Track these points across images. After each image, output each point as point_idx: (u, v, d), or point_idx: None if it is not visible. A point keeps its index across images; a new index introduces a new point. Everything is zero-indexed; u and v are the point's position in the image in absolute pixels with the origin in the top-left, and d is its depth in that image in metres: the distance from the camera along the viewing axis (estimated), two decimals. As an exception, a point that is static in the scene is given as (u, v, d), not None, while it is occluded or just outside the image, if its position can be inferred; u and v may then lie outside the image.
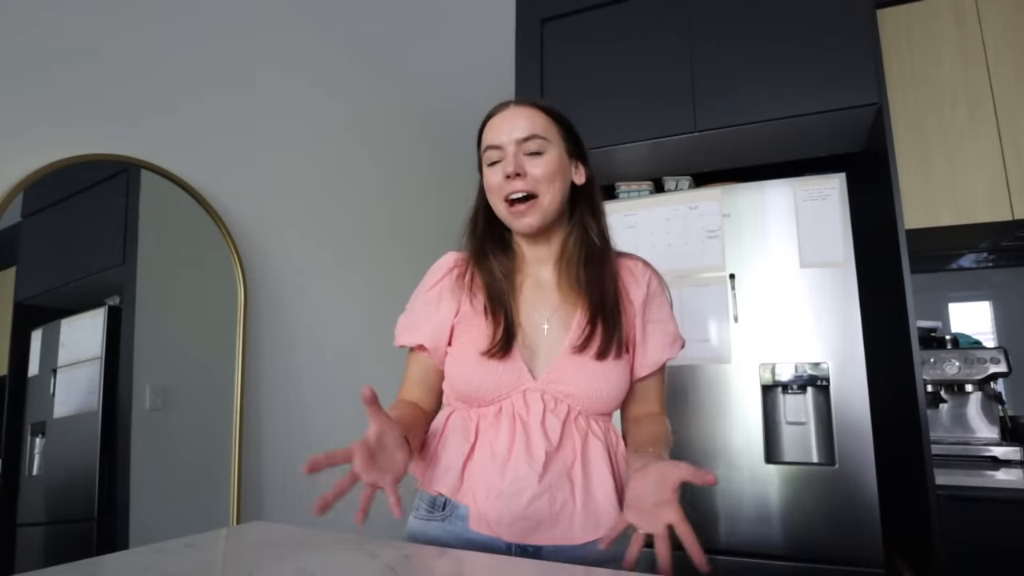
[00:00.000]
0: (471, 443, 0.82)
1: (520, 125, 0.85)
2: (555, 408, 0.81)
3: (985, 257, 1.91)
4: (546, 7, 1.80)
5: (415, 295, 0.94)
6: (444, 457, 0.84)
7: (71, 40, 1.47)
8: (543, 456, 0.78)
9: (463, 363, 0.84)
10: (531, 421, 0.80)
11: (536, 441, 0.79)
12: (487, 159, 0.87)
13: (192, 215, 1.71)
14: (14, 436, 1.33)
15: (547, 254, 0.90)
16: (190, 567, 0.68)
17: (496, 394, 0.82)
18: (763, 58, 1.53)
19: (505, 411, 0.81)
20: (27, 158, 1.36)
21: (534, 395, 0.81)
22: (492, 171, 0.86)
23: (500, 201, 0.86)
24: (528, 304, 0.87)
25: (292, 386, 2.03)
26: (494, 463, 0.79)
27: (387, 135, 2.71)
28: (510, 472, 0.78)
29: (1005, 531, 1.26)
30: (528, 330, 0.85)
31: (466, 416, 0.84)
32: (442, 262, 0.94)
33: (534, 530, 0.77)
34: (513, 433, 0.80)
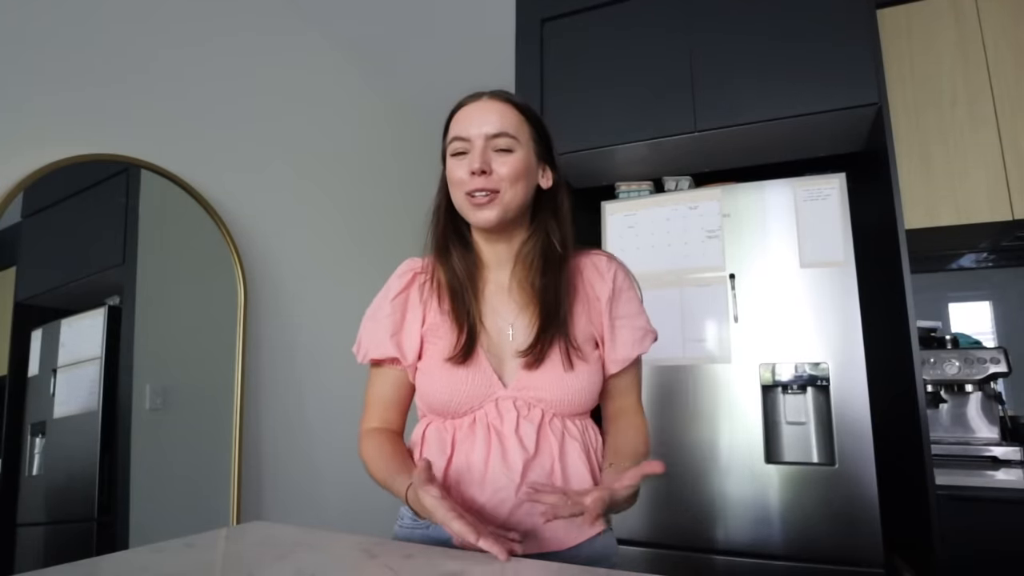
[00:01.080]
0: (447, 456, 0.80)
1: (491, 120, 0.81)
2: (528, 414, 0.80)
3: (985, 257, 1.91)
4: (546, 7, 1.80)
5: (377, 305, 0.90)
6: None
7: (71, 40, 1.47)
8: (520, 465, 0.77)
9: (433, 374, 0.82)
10: (505, 430, 0.78)
11: (512, 450, 0.78)
12: (452, 149, 0.83)
13: (192, 215, 1.71)
14: (14, 436, 1.33)
15: (506, 256, 0.87)
16: (190, 567, 0.68)
17: (469, 405, 0.80)
18: (763, 58, 1.53)
19: (479, 421, 0.80)
20: (27, 158, 1.36)
21: (506, 403, 0.80)
22: (457, 163, 0.82)
23: (461, 194, 0.82)
24: (491, 309, 0.85)
25: (292, 386, 2.03)
26: (472, 476, 0.78)
27: (387, 135, 2.71)
28: (488, 484, 0.77)
29: (1005, 531, 1.26)
30: (494, 336, 0.83)
31: (441, 428, 0.83)
32: (403, 268, 0.90)
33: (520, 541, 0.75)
34: (488, 444, 0.78)
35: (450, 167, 0.84)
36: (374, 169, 2.59)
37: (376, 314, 0.89)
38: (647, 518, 1.49)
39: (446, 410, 0.82)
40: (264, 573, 0.64)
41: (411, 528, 0.83)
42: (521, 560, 0.71)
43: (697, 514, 1.44)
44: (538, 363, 0.80)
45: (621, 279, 0.88)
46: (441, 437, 0.82)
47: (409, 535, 0.83)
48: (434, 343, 0.84)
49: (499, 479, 0.76)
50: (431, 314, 0.85)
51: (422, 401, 0.86)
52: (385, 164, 2.67)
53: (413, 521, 0.83)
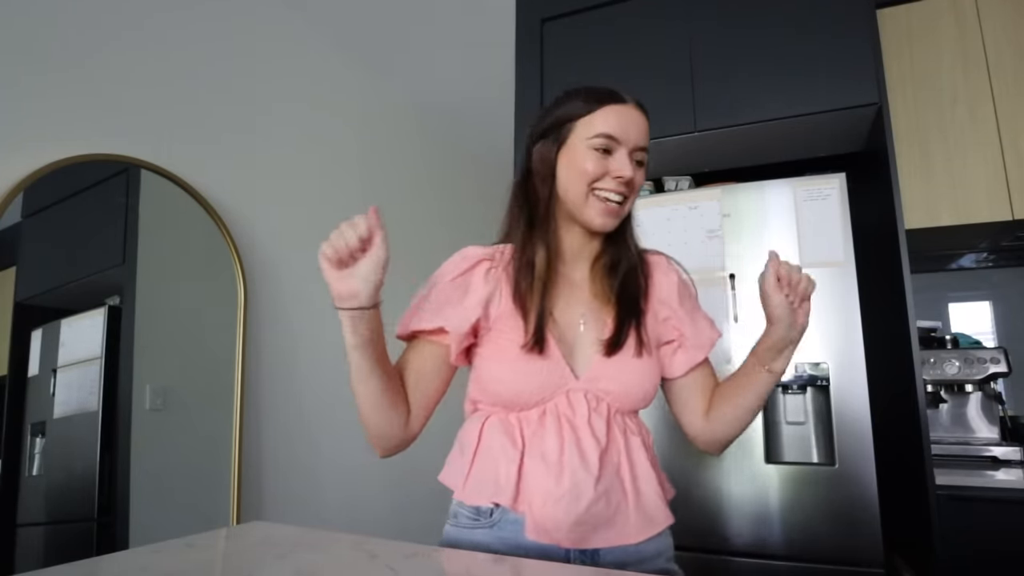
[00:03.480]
0: (520, 448, 0.78)
1: (642, 132, 0.83)
2: (597, 407, 0.80)
3: (985, 257, 1.91)
4: (546, 7, 1.80)
5: (430, 286, 0.87)
6: (491, 467, 0.79)
7: (71, 40, 1.47)
8: (596, 458, 0.76)
9: (503, 363, 0.80)
10: (578, 422, 0.78)
11: (587, 443, 0.77)
12: (596, 144, 0.81)
13: (192, 215, 1.71)
14: (14, 436, 1.33)
15: (588, 253, 0.89)
16: (190, 567, 0.68)
17: (540, 396, 0.79)
18: (763, 58, 1.53)
19: (550, 413, 0.79)
20: (27, 158, 1.36)
21: (577, 395, 0.79)
22: (598, 159, 0.81)
23: (584, 187, 0.81)
24: (563, 302, 0.85)
25: (292, 386, 2.03)
26: (548, 469, 0.76)
27: (387, 135, 2.71)
28: (566, 477, 0.75)
29: (1005, 531, 1.26)
30: (565, 329, 0.83)
31: (506, 421, 0.81)
32: (467, 253, 0.88)
33: (592, 534, 0.76)
34: (562, 436, 0.77)
35: (587, 159, 0.81)
36: (374, 169, 2.59)
37: (425, 294, 0.87)
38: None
39: (515, 401, 0.80)
40: (264, 573, 0.64)
41: (471, 527, 0.79)
42: (521, 560, 0.71)
43: (697, 514, 1.44)
44: (613, 352, 0.81)
45: (683, 275, 0.93)
46: (508, 430, 0.80)
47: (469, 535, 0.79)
48: (503, 332, 0.82)
49: (576, 471, 0.75)
50: (499, 302, 0.83)
51: (486, 392, 0.83)
52: (385, 164, 2.67)
53: (473, 520, 0.79)
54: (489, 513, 0.78)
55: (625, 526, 0.77)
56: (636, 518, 0.77)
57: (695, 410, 0.90)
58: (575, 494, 0.74)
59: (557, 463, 0.76)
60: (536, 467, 0.77)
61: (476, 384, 0.84)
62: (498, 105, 2.79)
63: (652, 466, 0.82)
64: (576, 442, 0.77)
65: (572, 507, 0.74)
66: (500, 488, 0.77)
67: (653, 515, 0.79)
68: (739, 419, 0.86)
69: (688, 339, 0.88)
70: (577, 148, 0.82)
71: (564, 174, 0.83)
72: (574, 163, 0.82)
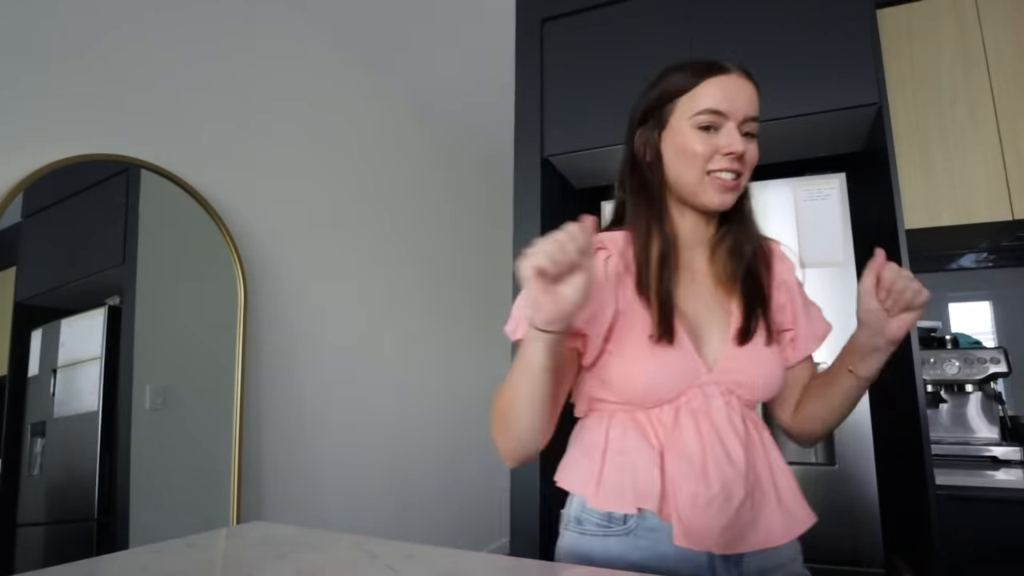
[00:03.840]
0: (659, 449, 0.72)
1: (749, 102, 0.77)
2: (730, 401, 0.74)
3: (985, 257, 1.91)
4: (546, 7, 1.80)
5: None
6: (626, 470, 0.72)
7: (71, 40, 1.47)
8: (742, 455, 0.70)
9: (633, 358, 0.73)
10: (717, 417, 0.72)
11: (730, 439, 0.71)
12: (700, 121, 0.76)
13: (192, 215, 1.71)
14: (14, 436, 1.33)
15: (704, 238, 0.83)
16: (190, 567, 0.68)
17: (675, 391, 0.73)
18: (763, 58, 1.53)
19: (684, 409, 0.72)
20: (27, 158, 1.36)
21: (711, 388, 0.73)
22: (704, 137, 0.75)
23: (699, 170, 0.76)
24: (686, 291, 0.79)
25: (292, 386, 2.03)
26: (692, 470, 0.70)
27: (387, 135, 2.71)
28: (715, 478, 0.69)
29: (1005, 531, 1.25)
30: (692, 318, 0.77)
31: (635, 419, 0.74)
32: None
33: (741, 537, 0.69)
34: (701, 433, 0.71)
35: (693, 140, 0.76)
36: (374, 168, 2.59)
37: None
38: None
39: (646, 398, 0.74)
40: (264, 573, 0.64)
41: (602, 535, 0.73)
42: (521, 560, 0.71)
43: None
44: (745, 341, 0.76)
45: (794, 265, 0.88)
46: (640, 430, 0.74)
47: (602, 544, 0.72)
48: (629, 326, 0.75)
49: (725, 471, 0.69)
50: (625, 293, 0.77)
51: (614, 389, 0.75)
52: (385, 163, 2.67)
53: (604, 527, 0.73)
54: (623, 520, 0.72)
55: (769, 527, 0.71)
56: (779, 518, 0.71)
57: (788, 403, 0.85)
58: (726, 495, 0.68)
59: (702, 463, 0.70)
60: (680, 469, 0.70)
61: (600, 382, 0.77)
62: (498, 105, 2.79)
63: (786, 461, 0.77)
64: (719, 439, 0.71)
65: (724, 510, 0.68)
66: (643, 493, 0.70)
67: (796, 513, 0.73)
68: (824, 419, 0.80)
69: (802, 329, 0.83)
70: (681, 129, 0.77)
71: (672, 159, 0.78)
72: (680, 146, 0.77)
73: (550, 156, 1.73)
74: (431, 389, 2.82)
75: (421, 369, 2.76)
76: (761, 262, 0.82)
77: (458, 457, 2.92)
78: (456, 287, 3.17)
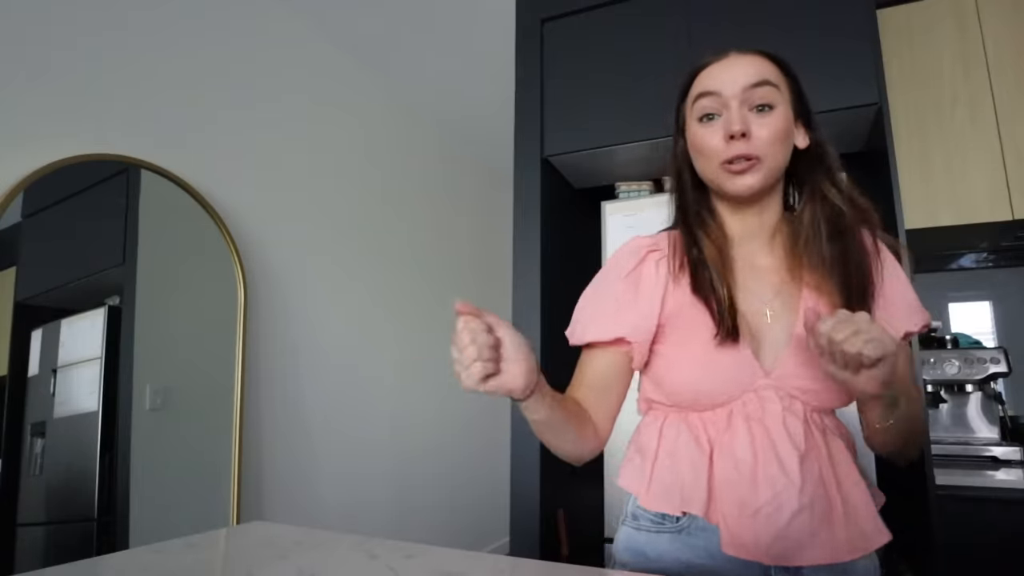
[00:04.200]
0: (708, 453, 0.70)
1: (747, 71, 0.71)
2: (791, 406, 0.69)
3: (985, 257, 1.91)
4: (546, 7, 1.80)
5: (603, 285, 0.80)
6: (675, 471, 0.71)
7: (71, 41, 1.47)
8: (796, 464, 0.66)
9: (685, 360, 0.72)
10: (771, 424, 0.68)
11: (784, 447, 0.67)
12: (699, 111, 0.73)
13: (192, 215, 1.71)
14: (14, 436, 1.33)
15: (757, 228, 0.77)
16: (190, 567, 0.68)
17: (727, 395, 0.70)
18: (763, 58, 1.53)
19: (737, 414, 0.69)
20: (27, 158, 1.36)
21: (768, 392, 0.69)
22: (707, 129, 0.72)
23: (714, 165, 0.72)
24: (743, 288, 0.74)
25: (292, 386, 2.03)
26: (741, 476, 0.67)
27: (387, 136, 2.71)
28: (764, 486, 0.66)
29: (1005, 531, 1.25)
30: (750, 318, 0.72)
31: (688, 422, 0.72)
32: (634, 245, 0.80)
33: (797, 550, 0.65)
34: (753, 439, 0.68)
35: (698, 134, 0.73)
36: (374, 168, 2.59)
37: (601, 294, 0.79)
38: (647, 518, 1.49)
39: (697, 401, 0.72)
40: (264, 573, 0.64)
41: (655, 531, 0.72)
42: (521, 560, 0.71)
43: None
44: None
45: (884, 248, 0.77)
46: (692, 432, 0.71)
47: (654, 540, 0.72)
48: (683, 325, 0.73)
49: (776, 480, 0.65)
50: (675, 296, 0.74)
51: (665, 391, 0.74)
52: (385, 163, 2.67)
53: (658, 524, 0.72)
54: (676, 519, 0.71)
55: (834, 542, 0.66)
56: (846, 532, 0.66)
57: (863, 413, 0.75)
58: (775, 505, 0.65)
59: (751, 471, 0.67)
60: (728, 474, 0.68)
61: (653, 383, 0.76)
62: (498, 105, 2.79)
63: (858, 471, 0.71)
64: (772, 446, 0.67)
65: (773, 520, 0.65)
66: (689, 496, 0.69)
67: (865, 529, 0.67)
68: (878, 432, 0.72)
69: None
70: (691, 128, 0.75)
71: (695, 159, 0.76)
72: (693, 144, 0.75)
73: (550, 156, 1.73)
74: (431, 389, 2.82)
75: (421, 369, 2.76)
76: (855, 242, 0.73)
77: (458, 457, 2.92)
78: (456, 286, 3.17)
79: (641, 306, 0.75)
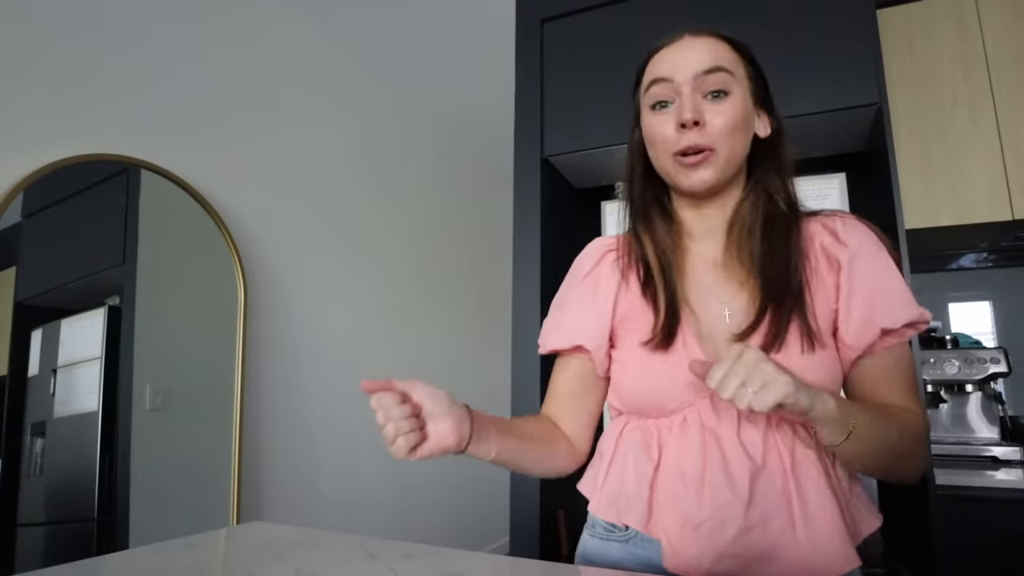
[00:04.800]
0: (655, 461, 0.66)
1: (699, 57, 0.67)
2: (751, 415, 0.64)
3: (985, 257, 1.91)
4: (546, 7, 1.80)
5: (564, 290, 0.78)
6: (622, 479, 0.69)
7: (71, 40, 1.47)
8: (746, 478, 0.62)
9: (632, 364, 0.70)
10: (724, 433, 0.64)
11: (734, 459, 0.63)
12: (651, 98, 0.69)
13: (192, 215, 1.71)
14: (14, 436, 1.33)
15: (719, 223, 0.72)
16: (190, 567, 0.68)
17: (678, 401, 0.66)
18: (763, 58, 1.52)
19: (691, 422, 0.66)
20: (27, 158, 1.36)
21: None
22: (658, 118, 0.68)
23: (667, 156, 0.68)
24: (702, 288, 0.70)
25: (292, 386, 2.03)
26: (686, 488, 0.64)
27: (387, 136, 2.71)
28: (708, 499, 0.62)
29: (1005, 531, 1.25)
30: (706, 320, 0.68)
31: (644, 428, 0.69)
32: (593, 247, 0.78)
33: (744, 570, 0.61)
34: (704, 450, 0.64)
35: (650, 123, 0.69)
36: (374, 168, 2.59)
37: (562, 300, 0.78)
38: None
39: (648, 407, 0.69)
40: (264, 573, 0.64)
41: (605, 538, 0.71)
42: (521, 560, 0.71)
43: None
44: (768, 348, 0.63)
45: (865, 238, 0.69)
46: (644, 439, 0.69)
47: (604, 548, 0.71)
48: (634, 329, 0.70)
49: (721, 494, 0.62)
50: (627, 296, 0.72)
51: (619, 397, 0.73)
52: (385, 163, 2.67)
53: (608, 531, 0.71)
54: (624, 527, 0.69)
55: (790, 562, 0.60)
56: (806, 552, 0.60)
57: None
58: (719, 520, 0.61)
59: (697, 482, 0.63)
60: (672, 485, 0.65)
61: (612, 389, 0.75)
62: (498, 105, 2.79)
63: (832, 487, 0.63)
64: (721, 457, 0.63)
65: (716, 536, 0.61)
66: (629, 506, 0.67)
67: (828, 551, 0.60)
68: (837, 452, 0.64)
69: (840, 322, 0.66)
70: (644, 118, 0.71)
71: (649, 152, 0.72)
72: (646, 135, 0.70)
73: (550, 156, 1.73)
74: (431, 389, 2.82)
75: (421, 368, 2.76)
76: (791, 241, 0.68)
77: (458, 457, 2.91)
78: (456, 287, 3.17)
79: (598, 309, 0.73)
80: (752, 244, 0.68)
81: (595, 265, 0.75)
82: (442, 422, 0.62)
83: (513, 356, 1.60)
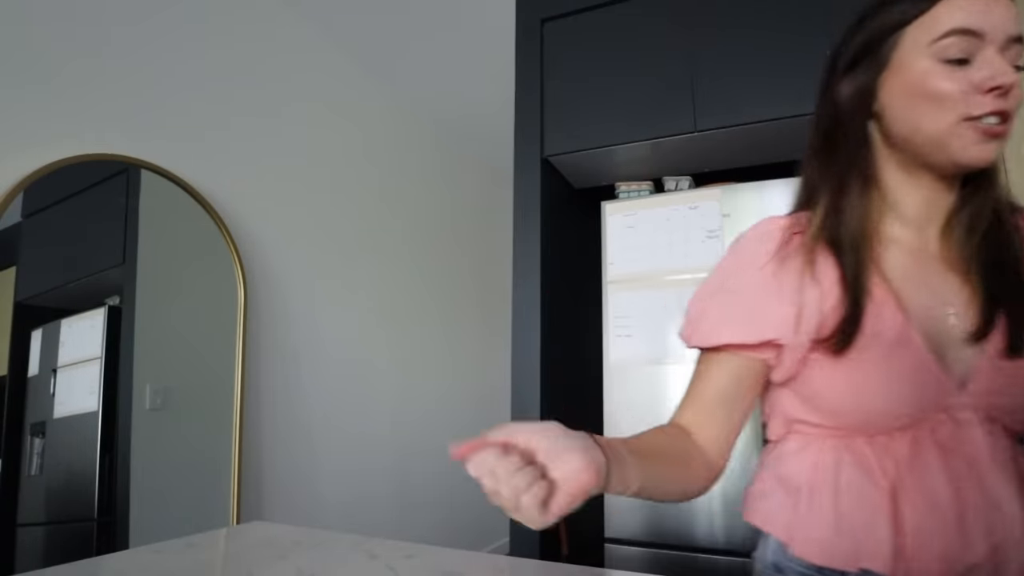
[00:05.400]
0: (888, 492, 0.54)
1: (1009, 17, 0.54)
2: (994, 431, 0.55)
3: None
4: (546, 7, 1.80)
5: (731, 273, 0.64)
6: (843, 514, 0.56)
7: (71, 41, 1.47)
8: (1018, 508, 0.52)
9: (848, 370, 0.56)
10: (978, 455, 0.54)
11: (998, 485, 0.53)
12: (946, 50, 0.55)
13: (192, 215, 1.71)
14: (14, 436, 1.33)
15: (941, 209, 0.61)
16: (190, 567, 0.68)
17: (908, 416, 0.55)
18: (763, 58, 1.53)
19: (927, 441, 0.55)
20: (27, 158, 1.36)
21: (967, 414, 0.55)
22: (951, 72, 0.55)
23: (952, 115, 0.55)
24: (920, 283, 0.58)
25: (292, 386, 2.03)
26: (945, 525, 0.52)
27: (387, 136, 2.71)
28: (978, 536, 0.51)
29: None
30: (927, 320, 0.57)
31: (855, 450, 0.57)
32: (770, 227, 0.64)
33: None
34: (953, 472, 0.53)
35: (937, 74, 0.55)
36: (374, 168, 2.59)
37: (735, 285, 0.63)
38: (643, 518, 1.49)
39: (869, 422, 0.56)
40: (264, 573, 0.64)
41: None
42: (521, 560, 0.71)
43: (695, 513, 1.44)
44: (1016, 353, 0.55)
45: None
46: (863, 463, 0.56)
47: None
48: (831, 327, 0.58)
49: (994, 528, 0.52)
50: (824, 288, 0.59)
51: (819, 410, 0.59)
52: (386, 163, 2.67)
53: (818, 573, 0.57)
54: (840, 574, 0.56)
55: None
56: None
57: None
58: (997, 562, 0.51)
59: (957, 516, 0.52)
60: (924, 520, 0.53)
61: (801, 399, 0.61)
62: (498, 105, 2.79)
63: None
64: (980, 484, 0.53)
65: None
66: (867, 548, 0.54)
67: None
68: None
69: None
70: (914, 66, 0.56)
71: (903, 106, 0.58)
72: (918, 87, 0.56)
73: (550, 156, 1.73)
74: (431, 388, 2.82)
75: (421, 368, 2.76)
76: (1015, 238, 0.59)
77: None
78: (456, 286, 3.17)
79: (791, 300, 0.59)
80: (976, 236, 0.59)
81: (779, 247, 0.61)
82: (568, 459, 0.44)
83: (513, 356, 1.60)
